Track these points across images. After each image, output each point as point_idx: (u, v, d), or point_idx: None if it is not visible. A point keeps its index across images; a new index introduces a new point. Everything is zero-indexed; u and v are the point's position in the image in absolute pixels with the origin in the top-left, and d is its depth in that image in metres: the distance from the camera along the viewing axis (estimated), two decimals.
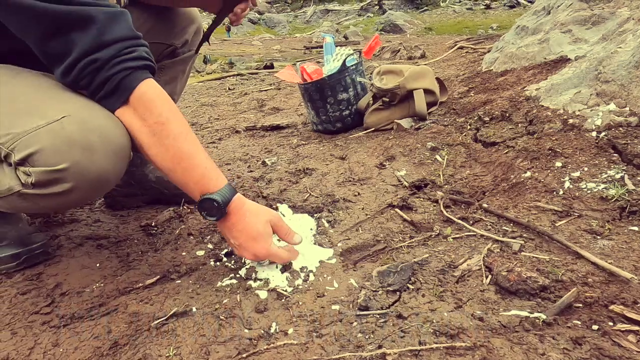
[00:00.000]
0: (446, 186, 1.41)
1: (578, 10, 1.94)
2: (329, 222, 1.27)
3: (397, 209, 1.28)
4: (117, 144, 0.90)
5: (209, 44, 1.54)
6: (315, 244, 1.15)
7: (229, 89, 3.89)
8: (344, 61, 1.97)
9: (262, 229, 1.01)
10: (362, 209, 1.34)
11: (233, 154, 2.02)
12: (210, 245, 1.23)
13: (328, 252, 1.11)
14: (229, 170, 1.82)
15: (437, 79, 1.99)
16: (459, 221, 1.17)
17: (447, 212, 1.24)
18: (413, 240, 1.13)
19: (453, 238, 1.11)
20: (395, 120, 1.88)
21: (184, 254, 1.21)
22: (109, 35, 0.87)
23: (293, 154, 1.91)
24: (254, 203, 1.04)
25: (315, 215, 1.33)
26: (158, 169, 0.98)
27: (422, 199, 1.34)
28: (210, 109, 3.07)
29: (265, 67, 5.15)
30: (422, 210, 1.28)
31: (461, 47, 4.48)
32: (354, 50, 2.15)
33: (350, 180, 1.57)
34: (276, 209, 1.39)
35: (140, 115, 0.92)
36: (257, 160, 1.90)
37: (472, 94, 1.98)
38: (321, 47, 7.23)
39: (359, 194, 1.45)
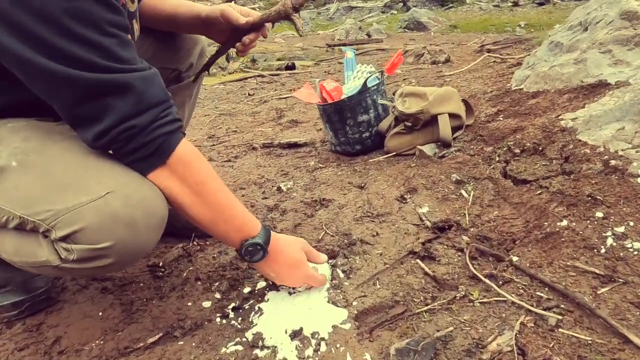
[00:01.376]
0: (472, 229, 1.29)
1: (619, 29, 1.77)
2: (344, 272, 1.17)
3: (418, 260, 1.17)
4: (159, 217, 0.87)
5: (209, 73, 1.44)
6: (329, 301, 1.05)
7: (249, 94, 3.81)
8: (365, 82, 1.84)
9: (299, 256, 1.09)
10: (381, 254, 1.23)
11: (248, 175, 1.93)
12: (217, 295, 1.14)
13: (342, 313, 1.00)
14: (243, 196, 1.73)
15: (464, 100, 1.85)
16: (487, 280, 1.05)
17: (473, 265, 1.12)
18: (436, 302, 1.02)
19: (480, 302, 0.99)
20: (418, 147, 1.76)
21: (189, 304, 1.12)
22: (146, 101, 0.82)
23: (310, 179, 1.81)
24: (283, 235, 1.09)
25: (330, 261, 1.23)
26: (195, 223, 0.95)
27: (445, 246, 1.22)
28: (228, 119, 2.99)
29: (287, 68, 5.04)
30: (445, 261, 1.16)
31: (488, 51, 4.29)
32: (375, 68, 2.03)
33: (368, 216, 1.46)
34: None
35: (180, 176, 0.89)
36: (272, 185, 1.80)
37: (501, 118, 1.83)
38: (344, 44, 7.10)
39: (377, 233, 1.34)
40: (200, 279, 1.22)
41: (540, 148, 1.48)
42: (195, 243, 1.39)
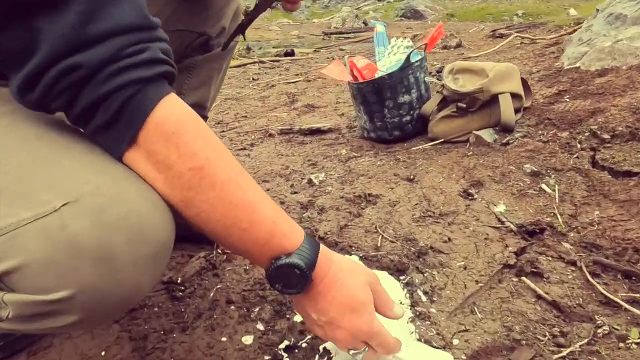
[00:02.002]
0: (572, 234, 1.01)
1: None
2: (425, 292, 0.88)
3: (524, 278, 0.88)
4: (157, 243, 0.51)
5: (244, 38, 1.11)
6: (420, 339, 0.76)
7: (253, 79, 3.48)
8: (408, 56, 1.54)
9: (363, 295, 0.62)
10: (465, 268, 0.94)
11: (270, 166, 1.62)
12: (260, 325, 0.84)
13: (445, 358, 0.71)
14: (267, 190, 1.43)
15: (522, 79, 1.56)
16: (631, 307, 0.77)
17: (600, 285, 0.83)
18: (567, 338, 0.74)
19: (637, 344, 0.71)
20: (474, 132, 1.47)
21: (223, 339, 0.82)
22: (98, 22, 0.46)
23: (344, 170, 1.51)
24: (341, 256, 0.66)
25: (400, 277, 0.94)
26: (199, 230, 0.58)
27: (548, 258, 0.94)
28: (235, 103, 2.66)
29: (286, 54, 4.71)
30: (556, 278, 0.88)
31: (501, 35, 4.01)
32: (412, 43, 1.72)
33: (430, 215, 1.16)
34: None
35: (161, 160, 0.51)
36: (301, 178, 1.50)
37: (568, 99, 1.55)
38: (341, 33, 6.77)
39: (449, 239, 1.05)
40: (234, 302, 0.91)
41: (638, 132, 1.20)
42: (219, 251, 1.08)
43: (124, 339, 0.83)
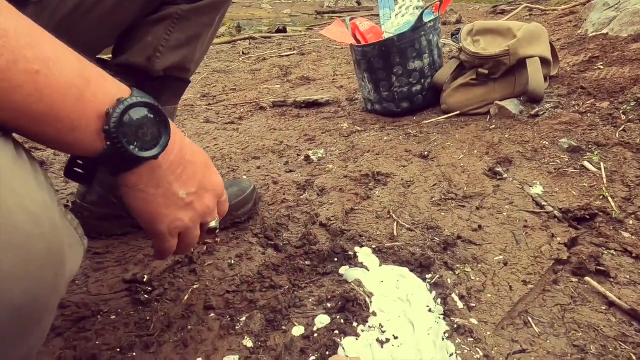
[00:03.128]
0: (630, 221, 0.81)
1: None
2: (461, 297, 0.67)
3: (587, 278, 0.67)
4: (35, 245, 0.26)
5: None
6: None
7: (243, 53, 3.22)
8: (421, 15, 1.31)
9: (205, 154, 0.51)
10: (505, 263, 0.74)
11: (261, 141, 1.40)
12: (248, 341, 0.63)
13: None
14: (258, 168, 1.21)
15: (550, 43, 1.35)
16: None
17: None
18: None
19: None
20: (497, 102, 1.25)
21: (199, 359, 0.61)
22: None
23: (346, 146, 1.29)
24: None
25: (425, 275, 0.73)
26: None
27: (611, 251, 0.73)
28: (224, 76, 2.41)
29: (278, 31, 4.44)
30: (626, 279, 0.67)
31: (502, 12, 3.79)
32: (424, 3, 1.49)
33: (452, 198, 0.96)
34: (353, 256, 0.79)
35: None
36: (297, 154, 1.28)
37: (601, 66, 1.34)
38: (334, 12, 6.48)
39: (480, 227, 0.85)
40: (214, 307, 0.70)
41: None
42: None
43: (67, 359, 0.62)
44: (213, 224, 0.52)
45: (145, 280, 0.76)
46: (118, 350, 0.63)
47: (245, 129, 1.54)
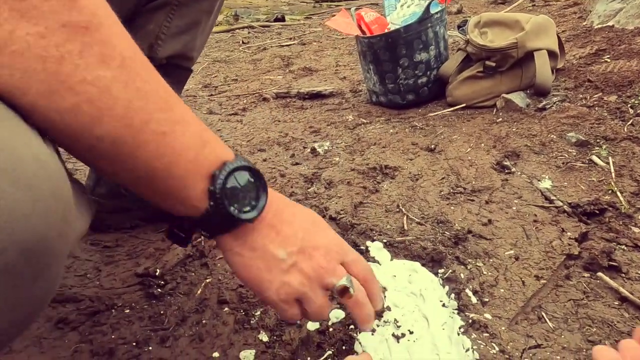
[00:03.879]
0: (639, 216, 0.81)
1: None
2: (475, 292, 0.67)
3: (599, 273, 0.68)
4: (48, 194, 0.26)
5: None
6: (478, 358, 0.56)
7: (243, 42, 3.19)
8: (428, 6, 1.30)
9: (317, 217, 0.49)
10: (517, 258, 0.74)
11: (266, 133, 1.39)
12: (263, 336, 0.64)
13: None
14: (264, 160, 1.20)
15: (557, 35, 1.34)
16: None
17: None
18: None
19: None
20: (503, 95, 1.25)
21: (215, 354, 0.61)
22: None
23: (352, 138, 1.29)
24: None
25: (438, 270, 0.74)
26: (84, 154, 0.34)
27: (622, 246, 0.74)
28: (224, 66, 2.39)
29: (276, 20, 4.39)
30: (637, 273, 0.68)
31: (503, 2, 3.76)
32: None
33: (461, 192, 0.96)
34: (365, 250, 0.79)
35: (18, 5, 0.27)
36: (303, 146, 1.27)
37: (608, 59, 1.33)
38: (332, 0, 6.41)
39: (490, 221, 0.85)
40: (228, 302, 0.70)
41: None
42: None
43: (84, 354, 0.62)
44: (342, 282, 0.45)
45: (157, 274, 0.76)
46: (134, 344, 0.63)
47: (249, 121, 1.53)
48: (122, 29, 0.32)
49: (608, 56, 1.34)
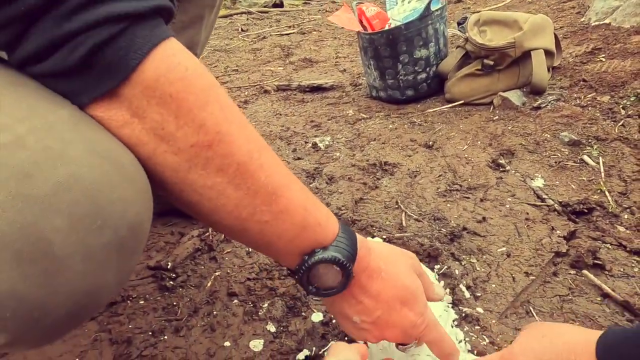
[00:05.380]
0: (625, 215, 0.86)
1: None
2: (468, 287, 0.72)
3: (584, 271, 0.73)
4: (121, 225, 0.32)
5: None
6: (472, 350, 0.61)
7: (242, 30, 3.19)
8: (429, 4, 1.33)
9: (412, 282, 0.50)
10: (508, 255, 0.79)
11: (268, 127, 1.43)
12: (271, 327, 0.69)
13: None
14: None
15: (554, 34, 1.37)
16: None
17: None
18: None
19: None
20: (500, 94, 1.29)
21: (226, 344, 0.66)
22: None
23: (352, 133, 1.33)
24: (377, 242, 0.57)
25: (434, 265, 0.78)
26: (200, 219, 0.43)
27: (607, 245, 0.79)
28: (225, 55, 2.41)
29: (275, 5, 4.37)
30: (620, 271, 0.73)
31: None
32: None
33: (457, 189, 1.00)
34: None
35: (152, 127, 0.35)
36: (304, 141, 1.31)
37: (603, 58, 1.37)
38: None
39: (484, 218, 0.90)
40: (237, 294, 0.75)
41: None
42: None
43: (103, 342, 0.67)
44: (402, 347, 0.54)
45: (169, 267, 0.80)
46: (150, 333, 0.68)
47: (251, 114, 1.56)
48: (242, 131, 0.39)
49: (603, 55, 1.38)
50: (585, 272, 0.72)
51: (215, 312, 0.72)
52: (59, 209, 0.29)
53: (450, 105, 1.39)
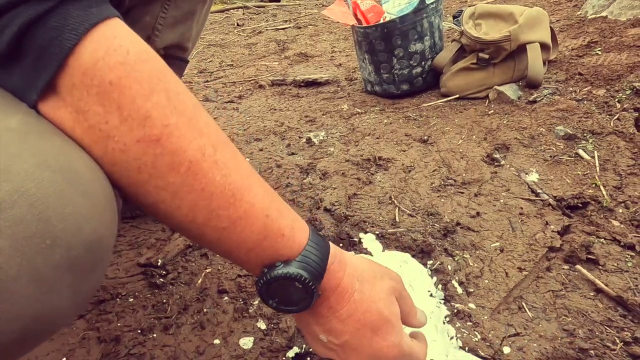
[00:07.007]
0: (620, 209, 0.86)
1: None
2: (460, 283, 0.72)
3: (578, 266, 0.72)
4: (76, 243, 0.30)
5: None
6: (464, 347, 0.60)
7: (238, 24, 3.17)
8: None
9: (388, 309, 0.45)
10: (502, 250, 0.79)
11: (262, 122, 1.42)
12: (261, 324, 0.68)
13: None
14: (260, 150, 1.23)
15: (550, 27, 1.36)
16: None
17: None
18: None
19: None
20: (496, 87, 1.28)
21: (216, 341, 0.66)
22: None
23: (347, 128, 1.32)
24: (357, 256, 0.48)
25: (427, 261, 0.78)
26: (159, 219, 0.40)
27: (600, 240, 0.78)
28: (220, 50, 2.39)
29: (271, 0, 4.35)
30: (613, 266, 0.73)
31: None
32: None
33: (451, 184, 1.00)
34: (358, 242, 0.83)
35: (95, 124, 0.33)
36: (299, 136, 1.30)
37: (599, 52, 1.36)
38: None
39: (478, 213, 0.89)
40: (227, 291, 0.74)
41: None
42: None
43: (91, 341, 0.66)
44: None
45: (159, 264, 0.79)
46: (139, 331, 0.67)
47: (245, 109, 1.55)
48: (193, 124, 0.35)
49: (599, 48, 1.37)
50: (578, 267, 0.71)
51: (205, 310, 0.71)
52: (0, 229, 0.26)
53: (445, 99, 1.37)
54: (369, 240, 0.83)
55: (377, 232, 0.85)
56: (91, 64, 0.31)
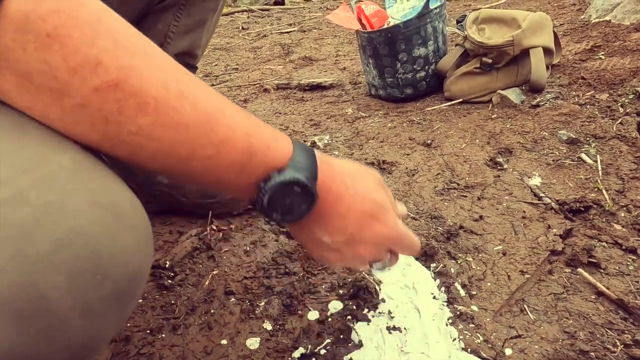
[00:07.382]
0: (622, 213, 0.87)
1: None
2: (463, 285, 0.73)
3: (579, 269, 0.73)
4: (121, 276, 0.32)
5: None
6: (466, 349, 0.62)
7: (243, 28, 3.19)
8: (427, 1, 1.33)
9: (380, 195, 0.48)
10: (504, 253, 0.80)
11: None
12: (267, 325, 0.69)
13: None
14: None
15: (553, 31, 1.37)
16: None
17: None
18: None
19: None
20: (499, 92, 1.29)
21: (223, 342, 0.67)
22: None
23: (351, 132, 1.33)
24: (339, 159, 0.49)
25: (430, 264, 0.79)
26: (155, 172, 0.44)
27: (602, 243, 0.79)
28: (225, 54, 2.41)
29: (276, 3, 4.38)
30: (615, 269, 0.74)
31: None
32: None
33: (455, 188, 1.01)
34: None
35: (45, 82, 0.30)
36: (304, 140, 1.32)
37: (603, 56, 1.37)
38: None
39: (481, 217, 0.90)
40: (234, 292, 0.76)
41: None
42: (214, 227, 0.92)
43: None
44: (374, 272, 0.52)
45: (167, 266, 0.81)
46: (148, 331, 0.69)
47: (251, 112, 1.56)
48: (148, 61, 0.34)
49: (602, 53, 1.38)
50: (580, 270, 0.72)
51: (212, 311, 0.72)
52: (58, 266, 0.28)
53: (449, 103, 1.39)
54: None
55: None
56: (22, 18, 0.28)
